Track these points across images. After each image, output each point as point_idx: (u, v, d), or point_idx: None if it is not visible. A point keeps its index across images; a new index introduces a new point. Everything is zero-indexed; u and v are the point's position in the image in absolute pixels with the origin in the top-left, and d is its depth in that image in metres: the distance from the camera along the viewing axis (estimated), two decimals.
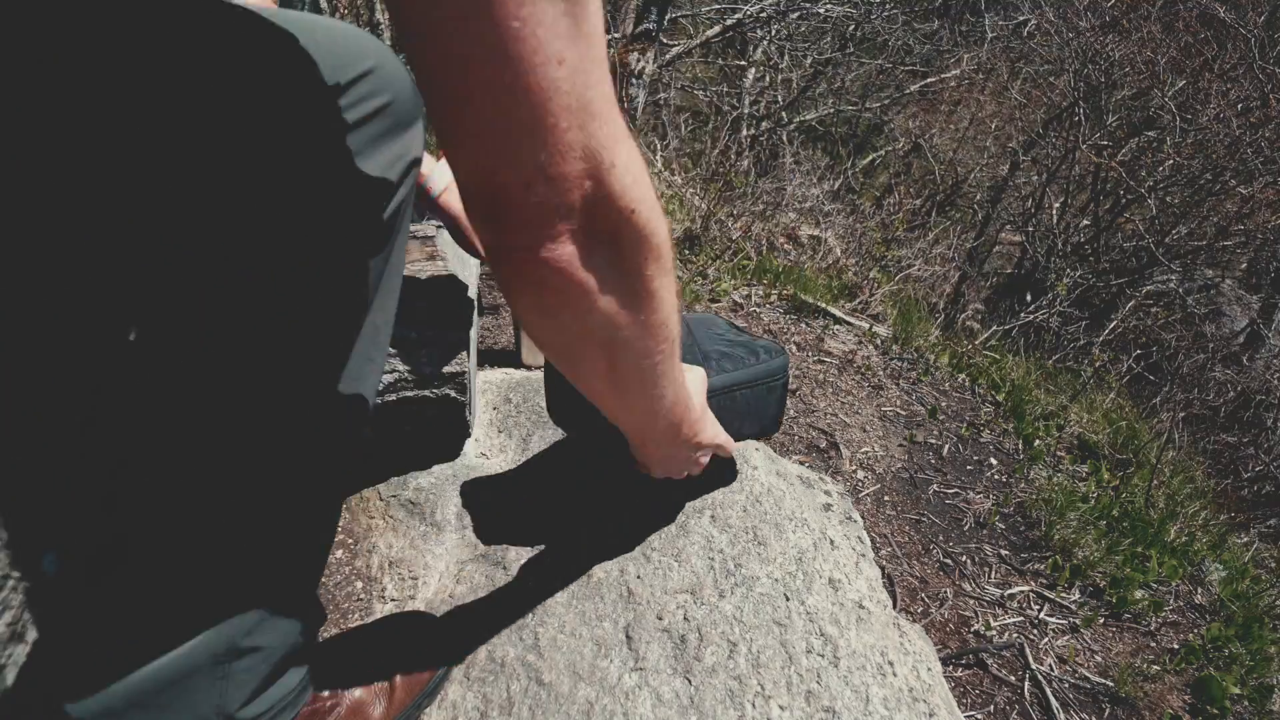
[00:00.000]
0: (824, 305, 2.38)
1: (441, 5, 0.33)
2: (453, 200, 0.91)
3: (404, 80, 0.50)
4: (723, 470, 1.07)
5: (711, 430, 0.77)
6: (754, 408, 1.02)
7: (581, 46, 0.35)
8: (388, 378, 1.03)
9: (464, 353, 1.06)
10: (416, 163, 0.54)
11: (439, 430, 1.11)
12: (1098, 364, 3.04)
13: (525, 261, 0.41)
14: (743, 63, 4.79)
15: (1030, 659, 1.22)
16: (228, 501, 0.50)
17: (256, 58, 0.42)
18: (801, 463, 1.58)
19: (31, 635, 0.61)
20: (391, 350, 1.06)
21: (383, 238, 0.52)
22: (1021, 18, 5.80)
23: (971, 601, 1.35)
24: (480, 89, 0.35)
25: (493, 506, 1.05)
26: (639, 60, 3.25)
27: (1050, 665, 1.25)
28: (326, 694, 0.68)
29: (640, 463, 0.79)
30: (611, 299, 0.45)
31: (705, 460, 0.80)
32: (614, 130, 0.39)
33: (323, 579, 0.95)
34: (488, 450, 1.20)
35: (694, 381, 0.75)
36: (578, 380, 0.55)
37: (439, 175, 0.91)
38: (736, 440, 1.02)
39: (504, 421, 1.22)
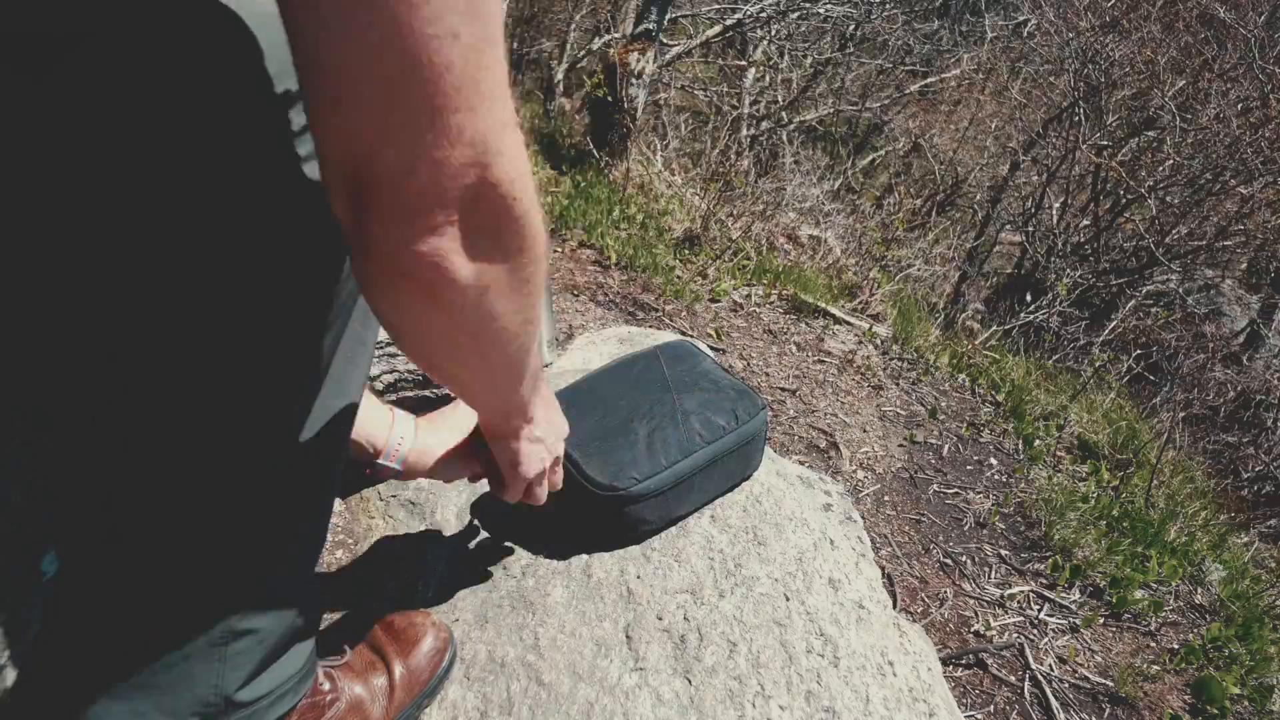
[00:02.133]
0: (824, 305, 2.38)
1: None
2: (418, 462, 0.81)
3: None
4: (745, 466, 1.07)
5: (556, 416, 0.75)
6: (739, 467, 1.05)
7: (478, 24, 0.33)
8: (388, 378, 1.03)
9: None
10: None
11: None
12: (1098, 364, 3.04)
13: (396, 255, 0.38)
14: (743, 63, 4.79)
15: (1030, 659, 1.22)
16: (220, 490, 0.51)
17: (211, 51, 0.40)
18: (801, 463, 1.58)
19: (32, 635, 0.61)
20: (392, 350, 1.06)
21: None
22: (1021, 18, 5.80)
23: (971, 601, 1.35)
24: (367, 60, 0.32)
25: (499, 509, 1.05)
26: (639, 60, 3.24)
27: (1050, 665, 1.25)
28: (327, 688, 0.68)
29: (495, 471, 0.74)
30: (487, 292, 0.43)
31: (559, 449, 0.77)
32: (504, 116, 0.37)
33: (323, 579, 0.95)
34: None
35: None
36: (440, 372, 0.53)
37: (402, 438, 0.79)
38: (722, 495, 1.05)
39: None
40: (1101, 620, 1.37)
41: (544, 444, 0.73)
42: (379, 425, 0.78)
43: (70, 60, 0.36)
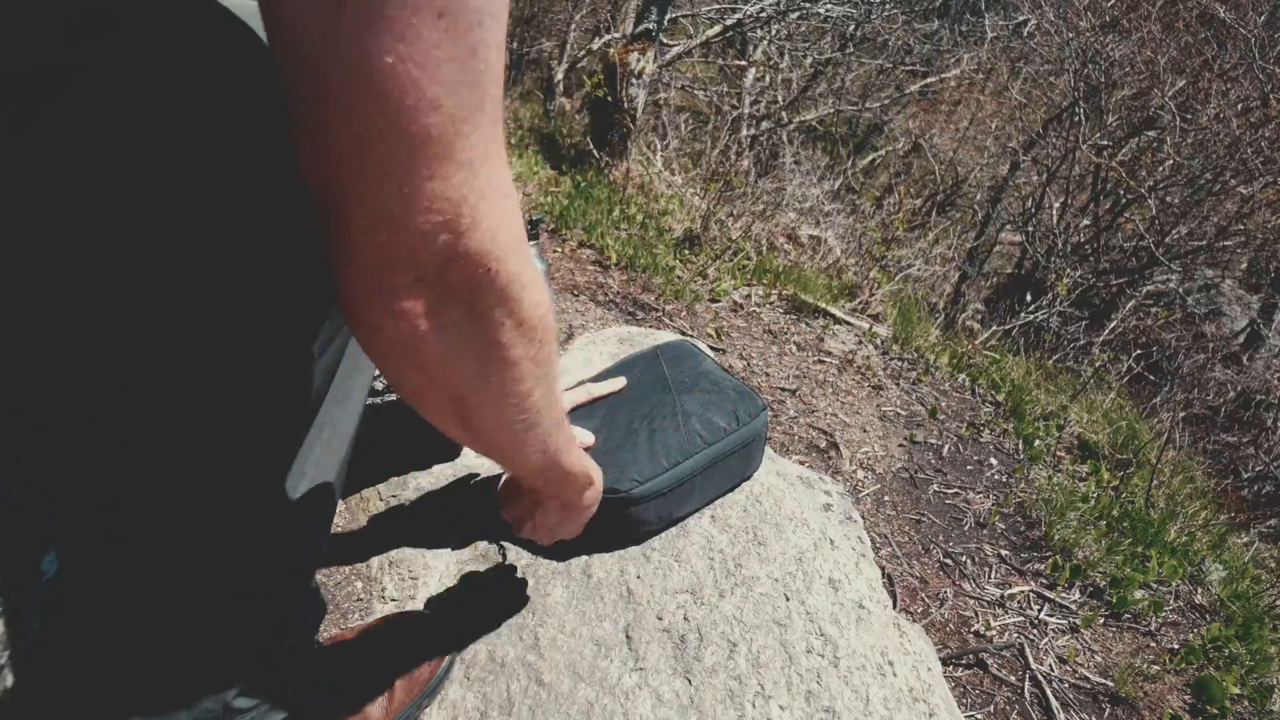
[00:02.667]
0: (824, 305, 2.38)
1: (310, 21, 0.29)
2: None
3: None
4: (746, 466, 1.07)
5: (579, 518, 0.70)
6: (740, 467, 1.05)
7: (464, 94, 0.32)
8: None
9: None
10: None
11: (439, 430, 1.11)
12: (1098, 364, 3.04)
13: (361, 306, 0.37)
14: (743, 63, 4.79)
15: (1030, 659, 1.22)
16: (220, 490, 0.51)
17: (225, 55, 0.41)
18: (801, 463, 1.58)
19: (31, 635, 0.61)
20: None
21: None
22: (1021, 18, 5.80)
23: (971, 601, 1.35)
24: (341, 117, 0.31)
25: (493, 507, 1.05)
26: (639, 60, 3.24)
27: (1050, 665, 1.25)
28: None
29: (513, 515, 0.71)
30: (459, 361, 0.40)
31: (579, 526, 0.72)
32: (484, 185, 0.35)
33: (323, 579, 0.95)
34: None
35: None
36: (429, 422, 0.50)
37: None
38: (722, 495, 1.05)
39: None
40: (1101, 620, 1.37)
41: (545, 529, 0.69)
42: None
43: (66, 95, 0.37)
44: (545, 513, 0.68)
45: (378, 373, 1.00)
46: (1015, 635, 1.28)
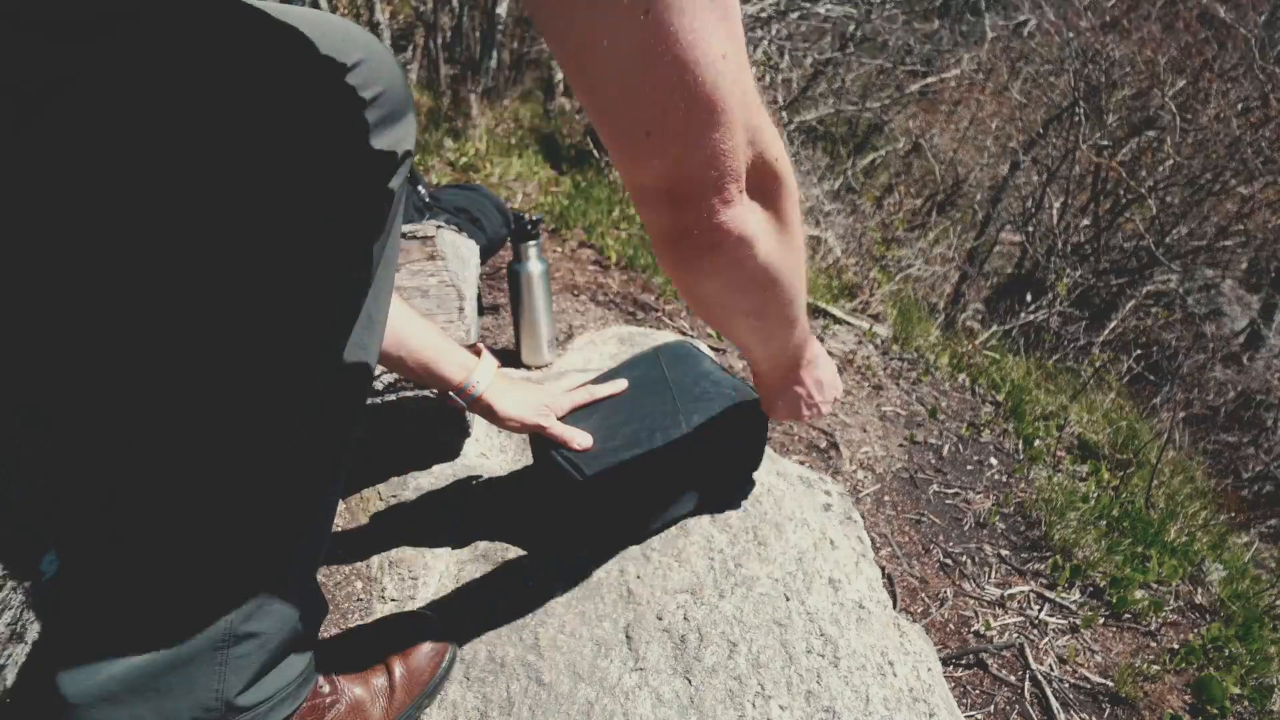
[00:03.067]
0: (824, 305, 2.37)
1: (625, 37, 0.38)
2: (493, 399, 0.91)
3: (393, 71, 0.51)
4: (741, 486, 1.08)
5: (826, 371, 0.87)
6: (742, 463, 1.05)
7: (734, 42, 0.42)
8: (387, 378, 1.03)
9: None
10: (409, 155, 0.54)
11: (439, 430, 1.11)
12: (1098, 364, 3.04)
13: (705, 230, 0.48)
14: None
15: (1030, 659, 1.22)
16: (223, 485, 0.51)
17: (262, 50, 0.43)
18: (801, 463, 1.58)
19: (31, 635, 0.61)
20: None
21: (380, 225, 0.53)
22: (1021, 18, 5.79)
23: (971, 601, 1.35)
24: (668, 94, 0.41)
25: (493, 507, 1.05)
26: None
27: (1050, 665, 1.24)
28: (327, 690, 0.68)
29: (767, 403, 0.90)
30: (767, 241, 0.53)
31: (825, 408, 0.88)
32: (757, 100, 0.46)
33: (323, 579, 0.95)
34: (487, 450, 1.20)
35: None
36: (729, 327, 0.66)
37: (483, 372, 0.90)
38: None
39: None
40: (1101, 620, 1.37)
41: (801, 396, 0.85)
42: (462, 368, 0.89)
43: (67, 96, 0.38)
44: (803, 384, 0.85)
45: (376, 373, 1.01)
46: (1015, 635, 1.28)
